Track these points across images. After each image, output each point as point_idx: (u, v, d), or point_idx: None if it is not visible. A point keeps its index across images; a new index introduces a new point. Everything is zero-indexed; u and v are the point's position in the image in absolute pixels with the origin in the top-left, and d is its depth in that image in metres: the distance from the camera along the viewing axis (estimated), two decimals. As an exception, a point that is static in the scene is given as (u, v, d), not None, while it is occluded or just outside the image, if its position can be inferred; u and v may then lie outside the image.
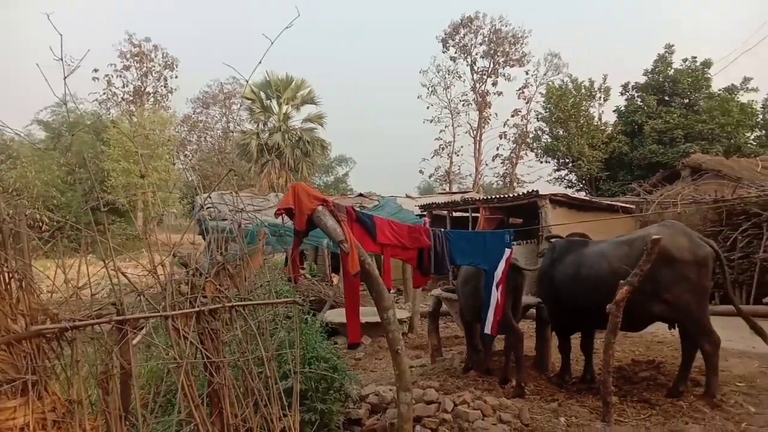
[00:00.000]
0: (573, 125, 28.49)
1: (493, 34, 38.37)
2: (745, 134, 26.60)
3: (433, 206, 17.69)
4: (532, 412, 4.72)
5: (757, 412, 4.98)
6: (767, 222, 10.73)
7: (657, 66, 28.38)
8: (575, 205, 14.83)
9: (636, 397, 5.33)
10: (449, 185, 40.00)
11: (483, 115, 39.45)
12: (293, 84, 28.34)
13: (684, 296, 5.02)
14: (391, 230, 4.37)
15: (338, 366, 4.35)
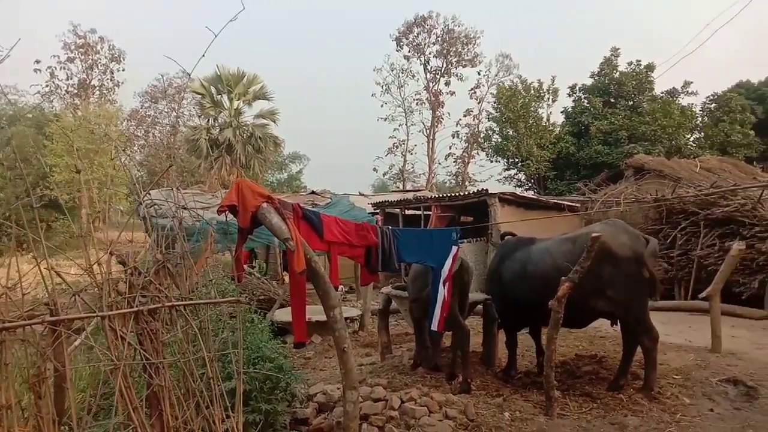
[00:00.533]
0: (522, 126, 29.04)
1: (446, 34, 38.74)
2: (685, 136, 27.73)
3: (385, 204, 17.75)
4: (478, 408, 4.78)
5: (691, 404, 5.20)
6: (704, 221, 11.22)
7: (603, 69, 29.25)
8: (523, 203, 15.16)
9: (578, 391, 5.47)
10: (403, 183, 40.21)
11: (436, 114, 39.78)
12: (245, 79, 27.86)
13: (625, 292, 5.18)
14: (339, 228, 4.35)
15: (284, 366, 4.31)
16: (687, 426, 4.70)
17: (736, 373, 5.99)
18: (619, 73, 28.80)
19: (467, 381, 5.34)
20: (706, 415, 4.95)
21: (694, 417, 4.89)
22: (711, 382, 5.73)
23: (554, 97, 31.75)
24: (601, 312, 5.52)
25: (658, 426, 4.65)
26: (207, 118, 28.92)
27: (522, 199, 15.50)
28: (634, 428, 4.57)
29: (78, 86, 37.50)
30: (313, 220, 4.11)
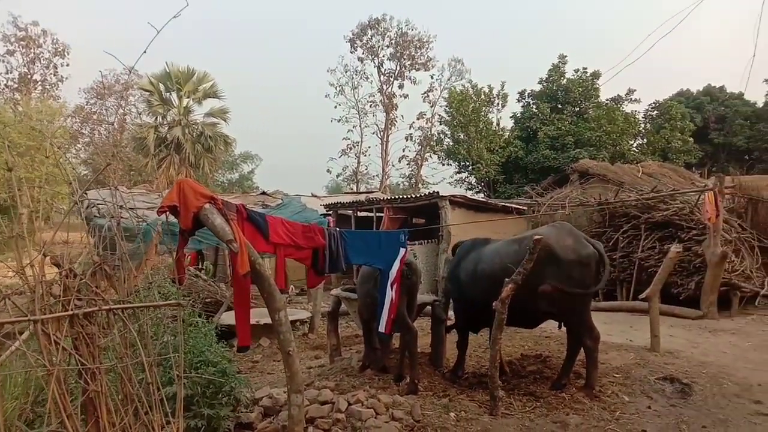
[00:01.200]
0: (473, 130, 29.46)
1: (399, 37, 38.96)
2: (628, 142, 28.73)
3: (338, 206, 17.72)
4: (424, 408, 4.80)
5: (630, 401, 5.36)
6: (645, 224, 11.63)
7: (551, 75, 29.99)
8: (473, 206, 15.41)
9: (523, 390, 5.56)
10: (357, 185, 40.19)
11: (390, 116, 39.95)
12: (195, 77, 27.26)
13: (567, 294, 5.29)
14: (285, 229, 4.30)
15: (227, 370, 4.23)
16: (626, 423, 4.84)
17: (672, 371, 6.22)
18: (566, 80, 29.60)
19: (415, 382, 5.36)
20: (644, 412, 5.11)
21: (633, 414, 5.04)
22: (649, 380, 5.93)
23: (504, 102, 32.39)
24: (547, 312, 5.62)
25: (598, 424, 4.77)
26: (155, 116, 28.18)
27: (472, 201, 15.75)
28: (576, 426, 4.68)
29: (18, 80, 35.94)
30: (258, 222, 4.05)
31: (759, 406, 5.41)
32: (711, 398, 5.55)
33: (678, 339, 8.27)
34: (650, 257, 11.03)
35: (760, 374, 6.49)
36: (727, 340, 8.36)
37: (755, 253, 11.47)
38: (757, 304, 10.92)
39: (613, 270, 11.62)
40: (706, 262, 10.04)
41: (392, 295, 5.04)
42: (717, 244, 9.78)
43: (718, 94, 37.45)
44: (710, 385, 5.91)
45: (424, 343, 7.26)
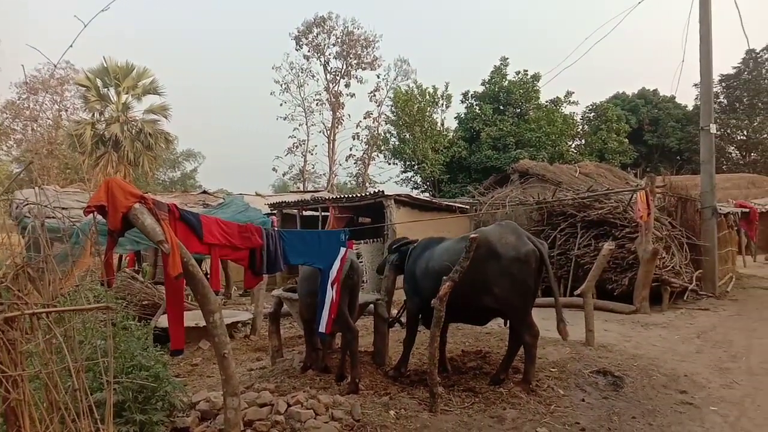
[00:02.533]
0: (418, 130, 29.72)
1: (345, 36, 38.81)
2: (567, 143, 29.64)
3: (282, 205, 17.51)
4: (365, 407, 4.80)
5: (565, 394, 5.51)
6: (581, 222, 12.01)
7: (493, 77, 30.58)
8: (417, 205, 15.53)
9: (463, 386, 5.62)
10: (303, 184, 39.86)
11: (336, 115, 39.73)
12: (134, 72, 26.40)
13: (508, 290, 5.38)
14: (220, 229, 4.20)
15: (161, 374, 4.11)
16: (560, 416, 4.97)
17: (606, 365, 6.45)
18: (508, 82, 30.23)
19: (355, 381, 5.35)
20: (578, 405, 5.26)
21: (567, 407, 5.18)
22: (584, 373, 6.12)
23: (448, 103, 32.77)
24: (489, 309, 5.71)
25: (534, 417, 4.88)
26: (92, 112, 27.12)
27: (416, 201, 15.87)
28: (512, 420, 4.77)
29: (-60, 74, 33.89)
30: (191, 222, 3.94)
31: (684, 395, 5.68)
32: (641, 390, 5.77)
33: (612, 333, 8.58)
34: (586, 254, 11.40)
35: (687, 365, 6.83)
36: (658, 333, 8.74)
37: (684, 250, 12.04)
38: (686, 299, 11.49)
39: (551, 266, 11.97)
40: (638, 259, 10.46)
41: (333, 295, 5.02)
42: (648, 241, 10.20)
43: (651, 97, 39.13)
44: (640, 377, 6.16)
45: (367, 342, 7.28)
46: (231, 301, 13.98)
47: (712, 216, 12.36)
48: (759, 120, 36.30)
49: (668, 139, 36.58)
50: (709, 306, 11.10)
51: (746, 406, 5.42)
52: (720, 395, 5.76)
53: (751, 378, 6.36)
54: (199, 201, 13.30)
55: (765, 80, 36.88)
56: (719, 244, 12.97)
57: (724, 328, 9.11)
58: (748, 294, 12.85)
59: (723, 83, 38.51)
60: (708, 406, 5.41)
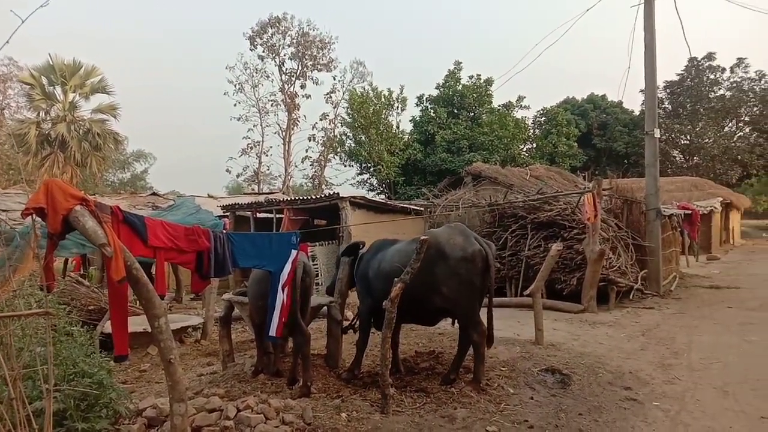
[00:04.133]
0: (374, 132, 29.82)
1: (301, 37, 38.62)
2: (519, 146, 30.27)
3: (236, 207, 17.24)
4: (316, 411, 4.77)
5: (514, 393, 5.60)
6: (531, 224, 12.26)
7: (447, 81, 30.99)
8: (373, 207, 15.53)
9: (415, 387, 5.64)
10: (258, 185, 39.41)
11: (292, 116, 39.46)
12: (82, 70, 25.44)
13: (455, 290, 5.45)
14: (165, 232, 4.10)
15: (105, 381, 3.98)
16: (509, 414, 5.05)
17: (554, 363, 6.59)
18: (462, 86, 30.67)
19: (307, 385, 5.32)
20: (526, 403, 5.35)
21: (516, 405, 5.27)
22: (533, 372, 6.23)
23: (403, 106, 33.01)
24: (439, 309, 5.77)
25: (484, 416, 4.94)
26: (37, 111, 26.07)
27: (372, 202, 15.87)
28: (462, 420, 4.82)
29: None
30: (135, 224, 3.83)
31: (629, 392, 5.86)
32: (587, 387, 5.92)
33: (561, 332, 8.78)
34: (536, 255, 11.63)
35: (632, 362, 7.05)
36: (605, 331, 9.00)
37: (630, 250, 12.44)
38: (631, 298, 11.86)
39: (503, 268, 12.19)
40: (586, 260, 10.74)
41: (283, 298, 4.97)
42: (596, 242, 10.49)
43: (600, 102, 40.35)
44: (587, 374, 6.32)
45: (321, 345, 7.24)
46: (182, 305, 13.70)
47: (657, 218, 12.80)
48: (701, 125, 37.86)
49: (616, 143, 37.79)
50: (654, 305, 11.49)
51: (686, 401, 5.64)
52: (662, 391, 5.97)
53: (691, 374, 6.62)
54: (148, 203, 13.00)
55: (706, 87, 38.50)
56: (663, 245, 13.44)
57: (667, 326, 9.44)
58: (691, 293, 13.35)
59: (668, 89, 40.05)
60: (651, 402, 5.60)
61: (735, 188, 36.59)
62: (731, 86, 38.16)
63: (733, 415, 5.24)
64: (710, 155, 36.50)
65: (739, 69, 38.23)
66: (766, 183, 45.83)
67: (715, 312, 10.73)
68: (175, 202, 12.96)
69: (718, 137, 37.31)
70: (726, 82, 38.58)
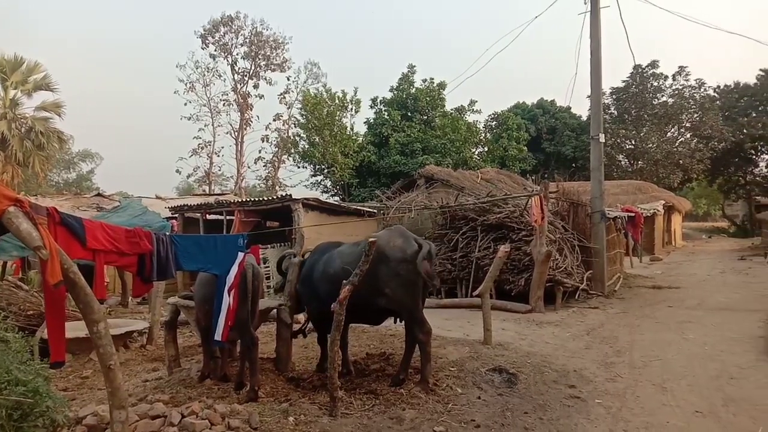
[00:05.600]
0: (328, 133, 29.73)
1: (254, 37, 38.19)
2: (470, 149, 30.75)
3: (185, 208, 16.89)
4: (263, 415, 4.71)
5: (462, 393, 5.67)
6: (481, 226, 12.45)
7: (401, 84, 31.23)
8: (326, 209, 15.51)
9: (365, 389, 5.64)
10: (209, 186, 38.69)
11: (244, 116, 38.93)
12: (24, 66, 24.41)
13: (398, 290, 5.52)
14: (105, 234, 3.99)
15: (41, 388, 3.83)
16: (457, 414, 5.11)
17: (502, 362, 6.71)
18: (415, 89, 30.95)
19: (254, 389, 5.25)
20: (474, 403, 5.44)
21: (464, 405, 5.34)
22: (481, 371, 6.32)
23: (357, 108, 33.03)
24: (384, 309, 5.85)
25: (432, 416, 4.99)
26: (-24, 108, 24.90)
27: (325, 204, 15.86)
28: (411, 420, 4.85)
29: None
30: (73, 226, 3.71)
31: (573, 390, 6.04)
32: (533, 386, 6.07)
33: (509, 332, 8.95)
34: (486, 257, 11.81)
35: (576, 361, 7.25)
36: (551, 331, 9.22)
37: (576, 252, 12.78)
38: (577, 298, 12.19)
39: (453, 269, 12.34)
40: (533, 261, 10.98)
41: (230, 302, 4.90)
42: (543, 243, 10.74)
43: (549, 107, 41.38)
44: (533, 373, 6.47)
45: (271, 349, 7.16)
46: (128, 310, 13.32)
47: (601, 220, 13.19)
48: (645, 131, 39.22)
49: (564, 147, 38.83)
50: (599, 304, 11.84)
51: (627, 398, 5.85)
52: (605, 388, 6.17)
53: (632, 371, 6.87)
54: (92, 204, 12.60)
55: (649, 94, 39.95)
56: (608, 247, 13.88)
57: (611, 325, 9.75)
58: (634, 293, 13.83)
59: (614, 96, 41.37)
60: (594, 399, 5.78)
61: (677, 192, 38.16)
62: (673, 93, 39.70)
63: (670, 410, 5.46)
64: (654, 160, 37.85)
65: (681, 77, 39.83)
66: (706, 187, 47.99)
67: (656, 311, 11.14)
68: (120, 204, 12.57)
69: (661, 142, 38.73)
70: (668, 89, 40.14)
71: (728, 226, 49.08)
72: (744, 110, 40.53)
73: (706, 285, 14.96)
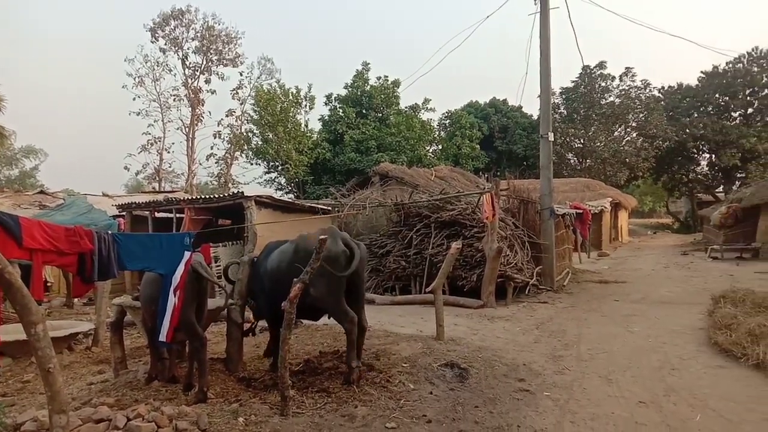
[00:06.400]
0: (281, 130, 29.41)
1: (205, 31, 37.43)
2: (425, 147, 30.97)
3: (133, 206, 16.41)
4: (212, 416, 4.63)
5: (414, 389, 5.69)
6: (435, 223, 12.56)
7: (356, 81, 31.15)
8: (280, 206, 15.34)
9: (317, 388, 5.60)
10: (159, 183, 37.71)
11: (196, 112, 38.10)
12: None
13: (321, 289, 5.66)
14: (43, 233, 3.83)
15: (-26, 394, 3.68)
16: (409, 410, 5.13)
17: (453, 357, 6.76)
18: (370, 87, 30.94)
19: (203, 390, 5.16)
20: (426, 398, 5.46)
21: (416, 401, 5.36)
22: (433, 367, 6.36)
23: (311, 105, 32.80)
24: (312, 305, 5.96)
25: (384, 413, 4.99)
26: None
27: (278, 202, 15.68)
28: (362, 417, 4.85)
29: None
30: (8, 224, 3.55)
31: (522, 383, 6.13)
32: (484, 380, 6.14)
33: (461, 327, 9.04)
34: (439, 253, 11.91)
35: (525, 355, 7.39)
36: (502, 326, 9.37)
37: (526, 248, 13.02)
38: (527, 293, 12.43)
39: (407, 266, 12.42)
40: (485, 257, 11.15)
41: (175, 302, 4.80)
42: (494, 240, 10.91)
43: (501, 106, 42.07)
44: (484, 367, 6.55)
45: (222, 349, 7.04)
46: (73, 311, 12.89)
47: (551, 217, 13.50)
48: (593, 130, 40.35)
49: (515, 145, 39.57)
50: (548, 299, 12.11)
51: (574, 390, 5.98)
52: (553, 381, 6.30)
53: (579, 364, 7.04)
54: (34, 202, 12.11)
55: (597, 94, 41.10)
56: (557, 243, 14.20)
57: (559, 319, 9.97)
58: (582, 287, 14.18)
59: (563, 95, 42.38)
60: (542, 392, 5.89)
61: (623, 189, 39.42)
62: (620, 94, 40.97)
63: (615, 401, 5.62)
64: (601, 158, 38.97)
65: (627, 78, 41.15)
66: (651, 185, 49.74)
67: (603, 305, 11.46)
68: (65, 201, 12.17)
69: (609, 141, 39.94)
70: (615, 89, 41.40)
71: (672, 222, 51.00)
72: (687, 111, 42.19)
73: (650, 279, 15.48)
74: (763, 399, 5.53)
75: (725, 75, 40.67)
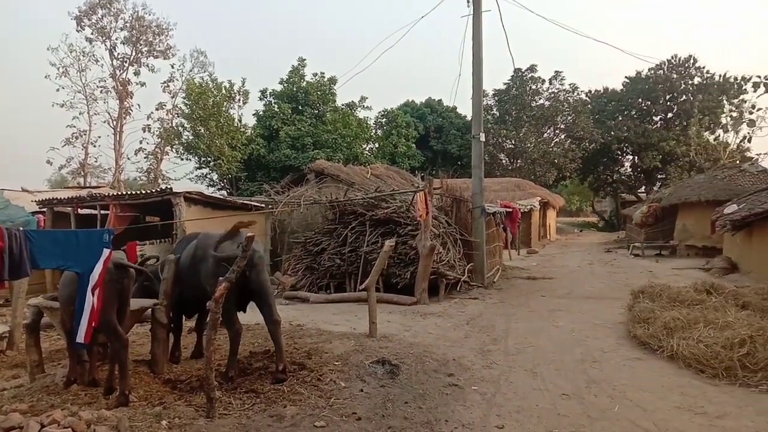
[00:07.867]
0: (213, 124, 28.69)
1: (135, 21, 36.01)
2: (361, 145, 31.00)
3: (54, 202, 15.57)
4: (134, 420, 4.46)
5: (345, 386, 5.68)
6: (370, 221, 12.61)
7: (291, 77, 30.80)
8: (210, 203, 14.94)
9: (245, 388, 5.52)
10: (84, 178, 35.99)
11: (124, 104, 36.58)
12: None
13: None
14: (-54, 230, 3.60)
15: None
16: (339, 408, 5.11)
17: (385, 354, 6.80)
18: (306, 83, 30.68)
19: (125, 393, 4.96)
20: (356, 395, 5.46)
21: (346, 399, 5.35)
22: (365, 364, 6.37)
23: (245, 99, 32.16)
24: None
25: (313, 412, 4.95)
26: None
27: (209, 198, 15.28)
28: (291, 417, 4.80)
29: None
30: None
31: (451, 378, 6.26)
32: (415, 376, 6.20)
33: (394, 324, 9.12)
34: (374, 251, 11.95)
35: (456, 350, 7.53)
36: (434, 322, 9.51)
37: (458, 245, 13.29)
38: (459, 289, 12.69)
39: (342, 264, 12.40)
40: (419, 254, 11.28)
41: (93, 301, 4.59)
42: (427, 238, 11.06)
43: (437, 106, 42.71)
44: (415, 363, 6.62)
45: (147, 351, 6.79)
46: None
47: (481, 215, 13.81)
48: (524, 131, 41.58)
49: (450, 145, 40.26)
50: (478, 295, 12.39)
51: (501, 384, 6.16)
52: (481, 375, 6.45)
53: (507, 358, 7.24)
54: (-58, 197, 11.25)
55: (528, 96, 42.37)
56: (487, 240, 14.53)
57: (489, 315, 10.23)
58: (511, 284, 14.61)
59: (496, 97, 43.45)
60: (471, 386, 6.03)
61: (552, 189, 40.86)
62: (550, 96, 42.41)
63: (540, 393, 5.82)
64: (531, 159, 40.22)
65: (557, 81, 42.67)
66: (578, 185, 51.79)
67: (530, 300, 11.85)
68: (-24, 197, 11.37)
69: (538, 142, 41.27)
70: (545, 92, 42.82)
71: (597, 221, 53.35)
72: (612, 114, 44.14)
73: (576, 276, 16.13)
74: (675, 388, 5.88)
75: (647, 80, 42.83)
